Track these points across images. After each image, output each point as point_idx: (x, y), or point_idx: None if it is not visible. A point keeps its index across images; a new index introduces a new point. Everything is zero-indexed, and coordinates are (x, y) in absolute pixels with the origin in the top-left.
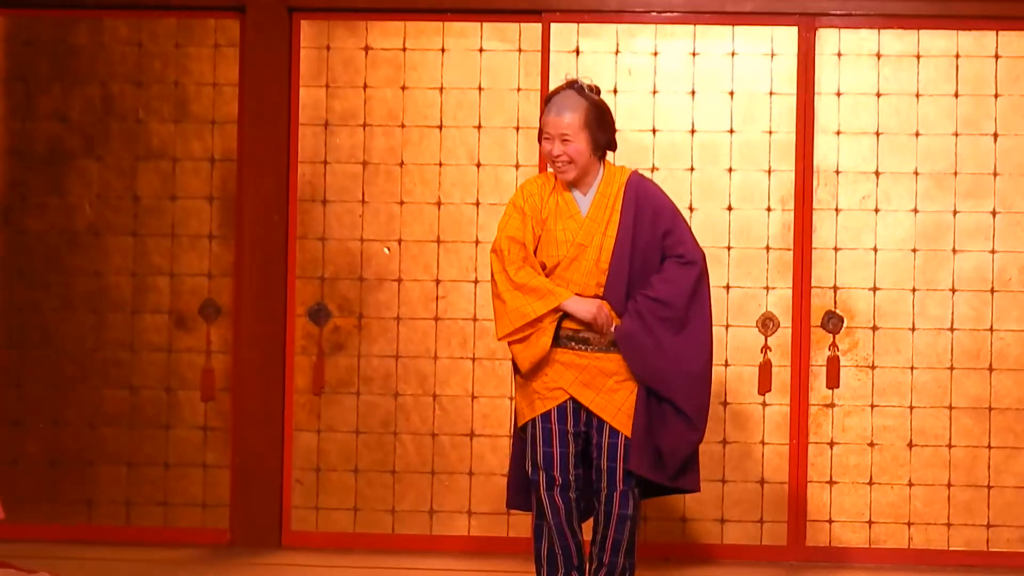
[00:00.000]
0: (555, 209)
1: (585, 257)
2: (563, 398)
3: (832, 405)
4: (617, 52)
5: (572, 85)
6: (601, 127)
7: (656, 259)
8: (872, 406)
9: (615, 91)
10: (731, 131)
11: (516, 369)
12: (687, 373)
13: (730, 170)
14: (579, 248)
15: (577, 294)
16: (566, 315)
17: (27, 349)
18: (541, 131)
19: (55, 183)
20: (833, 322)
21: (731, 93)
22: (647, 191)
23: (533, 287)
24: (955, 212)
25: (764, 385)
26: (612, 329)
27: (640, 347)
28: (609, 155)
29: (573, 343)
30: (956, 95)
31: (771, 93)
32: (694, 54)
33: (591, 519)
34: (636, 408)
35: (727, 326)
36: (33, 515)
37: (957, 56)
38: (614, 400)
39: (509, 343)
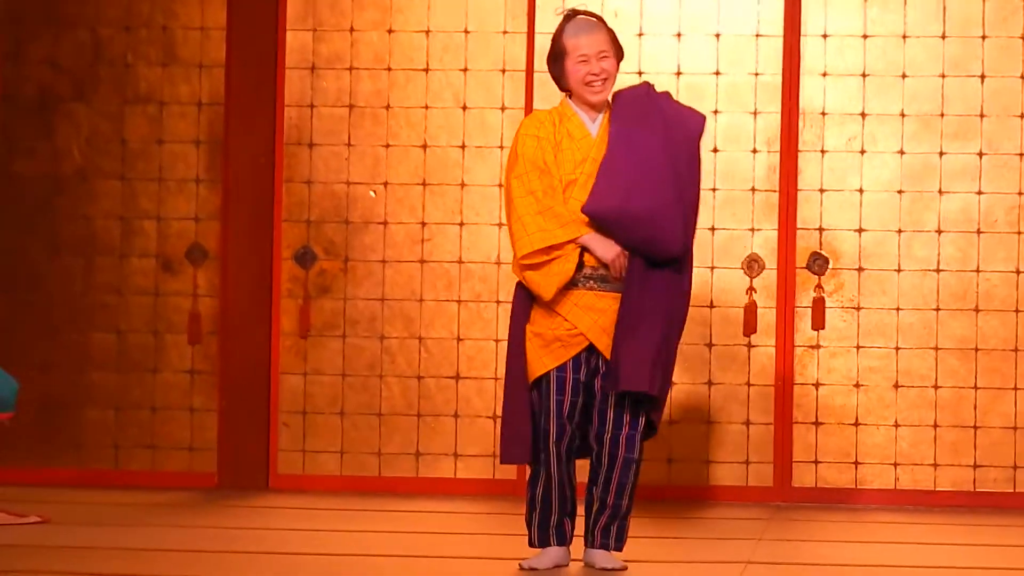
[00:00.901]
0: (567, 133)
1: (579, 182)
2: (583, 344)
3: (817, 346)
4: None
5: (576, 13)
6: (617, 45)
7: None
8: (858, 347)
9: None
10: (717, 73)
11: (518, 320)
12: (683, 293)
13: (716, 112)
14: (594, 164)
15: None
16: (584, 251)
17: (16, 293)
18: (566, 57)
19: (44, 128)
20: (818, 263)
21: (717, 35)
22: (628, 96)
23: (557, 213)
24: (941, 153)
25: (749, 326)
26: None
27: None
28: None
29: (592, 282)
30: (943, 36)
31: (757, 35)
32: None
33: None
34: (622, 324)
35: (712, 268)
36: (23, 459)
37: None
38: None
39: (525, 270)
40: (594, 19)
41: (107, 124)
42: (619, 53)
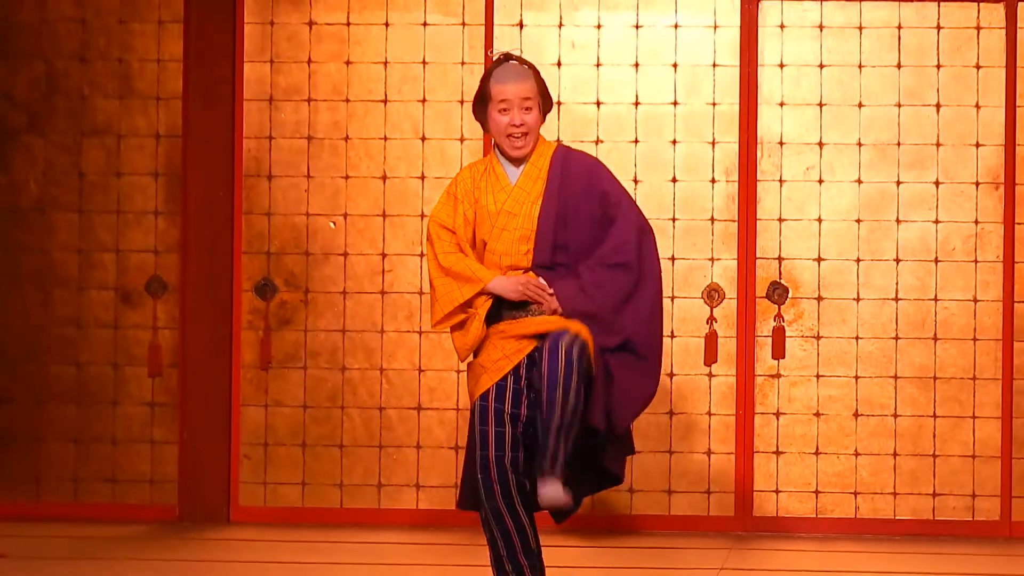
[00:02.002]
0: (486, 186)
1: (513, 226)
2: (507, 368)
3: (778, 376)
4: (560, 25)
5: (508, 58)
6: (546, 95)
7: (597, 224)
8: (818, 376)
9: (559, 64)
10: (675, 103)
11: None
12: (645, 320)
13: (674, 142)
14: (508, 216)
15: (509, 266)
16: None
17: None
18: (489, 102)
19: None
20: (778, 293)
21: (675, 65)
22: (576, 158)
23: (458, 271)
24: (899, 183)
25: (710, 356)
26: (556, 305)
27: (589, 311)
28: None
29: (513, 312)
30: (899, 66)
31: (714, 65)
32: (637, 26)
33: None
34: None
35: (673, 297)
36: None
37: (899, 27)
38: (554, 322)
39: (450, 330)
40: (525, 67)
41: (64, 156)
42: (546, 105)
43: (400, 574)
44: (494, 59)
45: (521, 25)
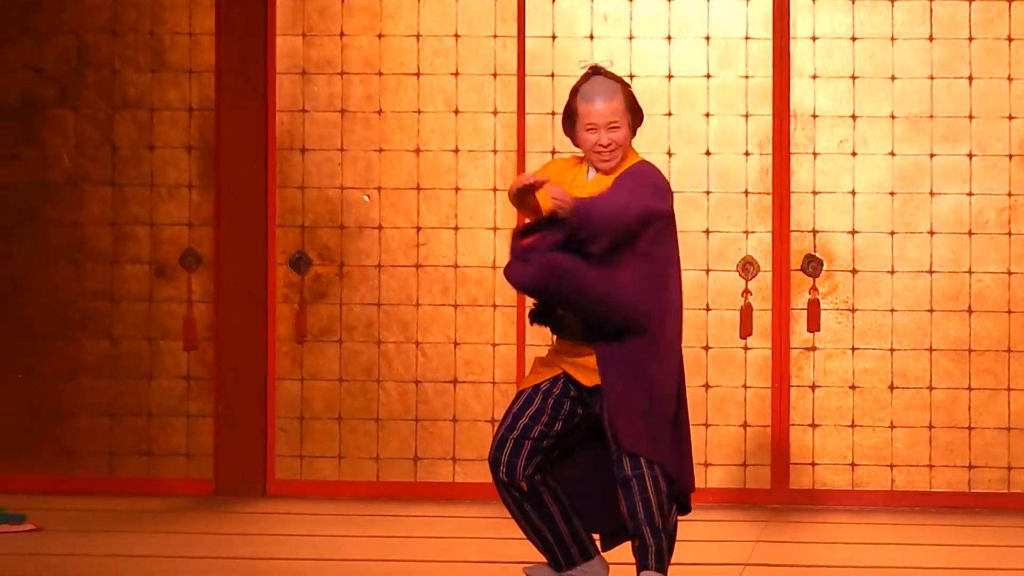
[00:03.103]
0: (572, 178)
1: None
2: (549, 375)
3: (813, 348)
4: None
5: (598, 71)
6: (636, 110)
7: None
8: (853, 349)
9: (591, 37)
10: (708, 76)
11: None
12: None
13: (707, 115)
14: None
15: None
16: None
17: (3, 302)
18: (578, 120)
19: (28, 134)
20: (813, 265)
21: (707, 38)
22: (634, 169)
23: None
24: (932, 155)
25: (745, 329)
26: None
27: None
28: None
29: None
30: (931, 38)
31: (747, 38)
32: None
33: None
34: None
35: (707, 270)
36: (14, 467)
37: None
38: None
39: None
40: (614, 82)
41: (95, 130)
42: (636, 120)
43: (436, 547)
44: (583, 72)
45: None
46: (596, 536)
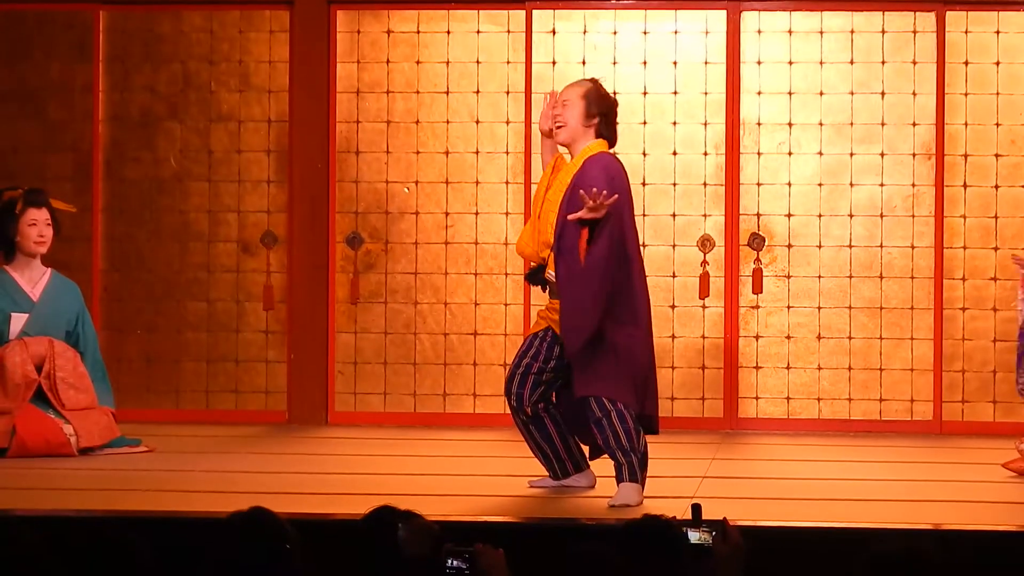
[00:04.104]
0: (553, 171)
1: (550, 214)
2: (543, 325)
3: (757, 307)
4: (585, 32)
5: (594, 81)
6: (597, 102)
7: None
8: (788, 307)
9: (583, 62)
10: (675, 93)
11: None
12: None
13: (674, 123)
14: (549, 203)
15: (543, 241)
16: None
17: (127, 271)
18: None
19: (147, 141)
20: (757, 241)
21: (675, 63)
22: (594, 162)
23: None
24: (852, 154)
25: (703, 291)
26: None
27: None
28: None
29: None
30: (851, 62)
31: (706, 62)
32: (645, 32)
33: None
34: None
35: (674, 246)
36: (133, 403)
37: (852, 32)
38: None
39: None
40: (587, 81)
41: (196, 138)
42: (590, 109)
43: (460, 463)
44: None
45: (554, 32)
46: (586, 448)
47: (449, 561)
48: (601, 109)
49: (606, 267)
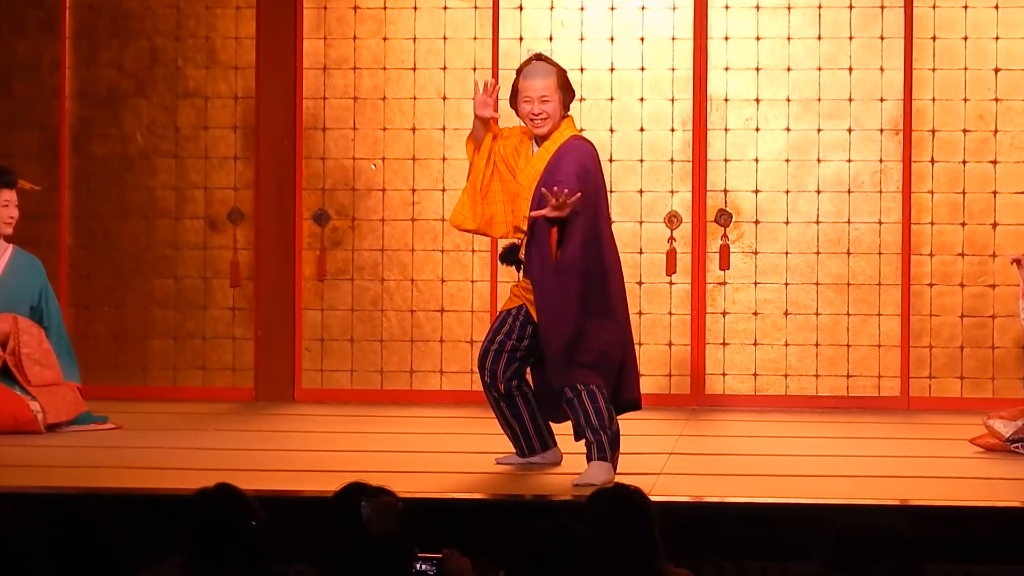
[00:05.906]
0: (521, 150)
1: (523, 195)
2: (515, 304)
3: (724, 283)
4: (552, 8)
5: (539, 57)
6: (567, 89)
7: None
8: (755, 283)
9: (551, 39)
10: (642, 69)
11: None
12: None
13: (642, 99)
14: (519, 186)
15: (515, 225)
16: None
17: (94, 249)
18: (518, 95)
19: (113, 118)
20: (724, 217)
21: (642, 39)
22: (568, 151)
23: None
24: (819, 130)
25: (670, 268)
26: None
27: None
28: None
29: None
30: (819, 38)
31: (673, 39)
32: (612, 8)
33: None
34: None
35: (641, 222)
36: (100, 379)
37: (820, 7)
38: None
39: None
40: (549, 66)
41: (163, 114)
42: (566, 96)
43: (427, 440)
44: (528, 57)
45: (521, 8)
46: (554, 425)
47: (417, 565)
48: (571, 93)
49: (580, 267)
